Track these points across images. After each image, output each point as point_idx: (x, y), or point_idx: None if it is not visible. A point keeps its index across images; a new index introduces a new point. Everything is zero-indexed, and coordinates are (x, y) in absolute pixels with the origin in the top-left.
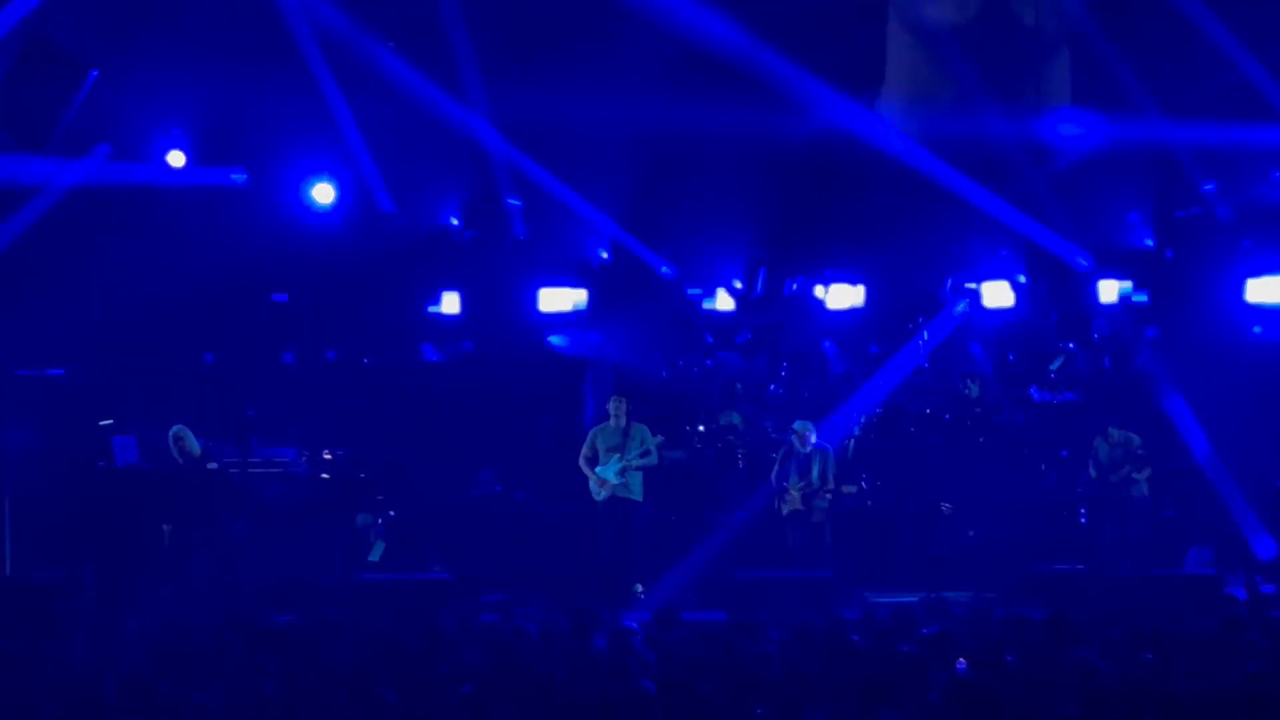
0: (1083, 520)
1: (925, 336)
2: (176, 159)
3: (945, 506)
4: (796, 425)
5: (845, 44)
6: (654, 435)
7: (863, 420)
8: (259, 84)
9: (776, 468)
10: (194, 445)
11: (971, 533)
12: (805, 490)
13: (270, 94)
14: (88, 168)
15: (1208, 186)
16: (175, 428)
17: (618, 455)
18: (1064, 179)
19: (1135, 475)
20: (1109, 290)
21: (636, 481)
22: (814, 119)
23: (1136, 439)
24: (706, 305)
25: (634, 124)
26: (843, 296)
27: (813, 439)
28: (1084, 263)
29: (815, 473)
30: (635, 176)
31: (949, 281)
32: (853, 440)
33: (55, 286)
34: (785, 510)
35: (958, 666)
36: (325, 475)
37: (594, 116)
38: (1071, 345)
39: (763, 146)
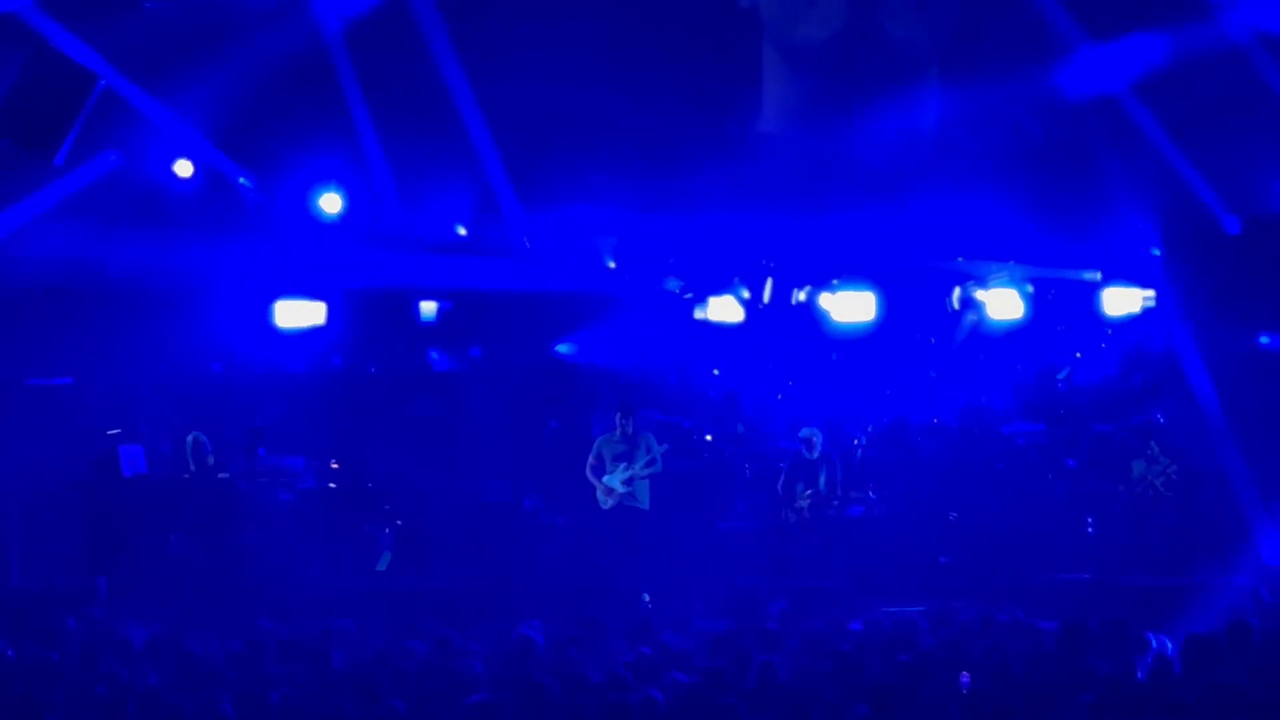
0: (1090, 530)
1: (931, 340)
2: (184, 168)
3: (952, 516)
4: (804, 433)
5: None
6: (659, 443)
7: (870, 429)
8: (269, 91)
9: (783, 477)
10: (209, 454)
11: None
12: (813, 499)
13: (281, 101)
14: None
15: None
16: (194, 434)
17: (624, 465)
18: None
19: (1158, 485)
20: (1117, 300)
21: (643, 490)
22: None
23: (1174, 467)
24: (705, 315)
25: (639, 129)
26: (851, 306)
27: (819, 446)
28: (1096, 276)
29: (822, 481)
30: (640, 183)
31: (957, 291)
32: (860, 449)
33: (64, 296)
34: (793, 519)
35: (961, 681)
36: (333, 485)
37: (598, 122)
38: (1079, 354)
39: (770, 153)
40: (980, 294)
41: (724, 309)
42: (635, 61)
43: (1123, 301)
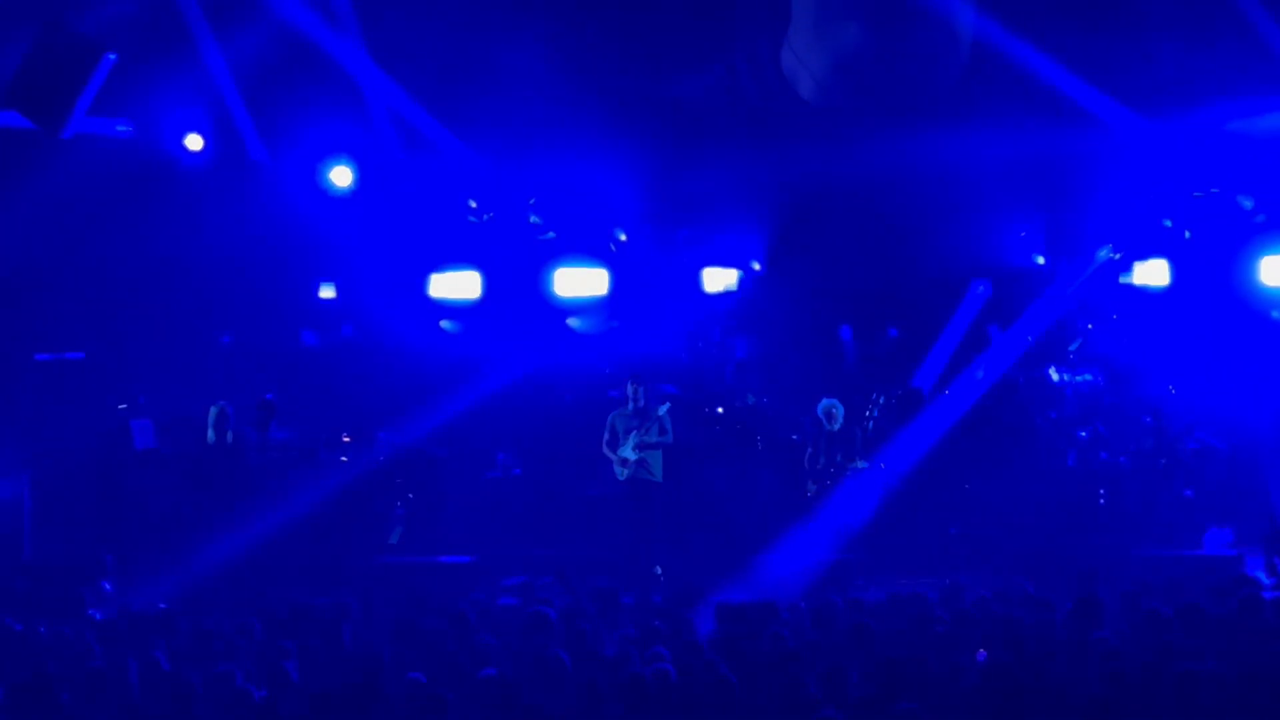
0: (1102, 502)
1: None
2: (195, 141)
3: (967, 486)
4: (825, 404)
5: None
6: (662, 404)
7: (880, 402)
8: (279, 65)
9: (809, 449)
10: (229, 428)
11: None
12: (831, 471)
13: (291, 75)
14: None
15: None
16: (219, 405)
17: (635, 434)
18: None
19: (1163, 464)
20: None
21: (656, 463)
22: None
23: (1182, 443)
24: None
25: (654, 109)
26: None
27: (840, 419)
28: (1113, 255)
29: (840, 455)
30: (654, 160)
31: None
32: (871, 421)
33: (74, 270)
34: (811, 490)
35: (978, 657)
36: (344, 458)
37: (614, 101)
38: (1090, 325)
39: (779, 132)
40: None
41: (726, 280)
42: (648, 35)
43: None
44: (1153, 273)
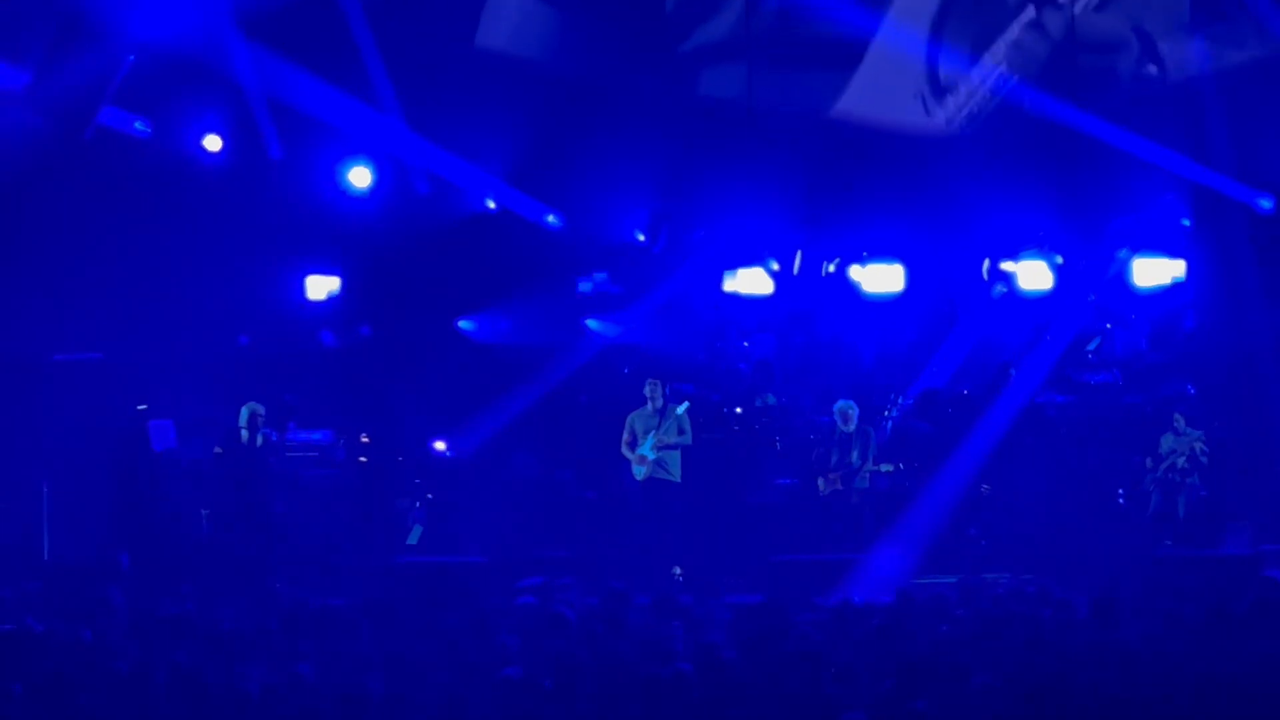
0: (1121, 501)
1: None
2: (214, 142)
3: (984, 488)
4: (841, 404)
5: None
6: (680, 403)
7: (900, 401)
8: (300, 66)
9: (817, 448)
10: (260, 429)
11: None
12: (845, 471)
13: (312, 76)
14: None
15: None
16: (251, 405)
17: (654, 433)
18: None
19: (1181, 464)
20: (1147, 271)
21: (675, 463)
22: None
23: (1201, 442)
24: (737, 288)
25: (670, 102)
26: (880, 278)
27: (855, 419)
28: (1124, 255)
29: (855, 454)
30: (669, 157)
31: (986, 263)
32: (889, 421)
33: (92, 271)
34: (825, 491)
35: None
36: (363, 459)
37: (628, 96)
38: (1109, 325)
39: (799, 124)
40: (1009, 265)
41: (753, 281)
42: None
43: (1154, 273)
44: (1170, 271)
